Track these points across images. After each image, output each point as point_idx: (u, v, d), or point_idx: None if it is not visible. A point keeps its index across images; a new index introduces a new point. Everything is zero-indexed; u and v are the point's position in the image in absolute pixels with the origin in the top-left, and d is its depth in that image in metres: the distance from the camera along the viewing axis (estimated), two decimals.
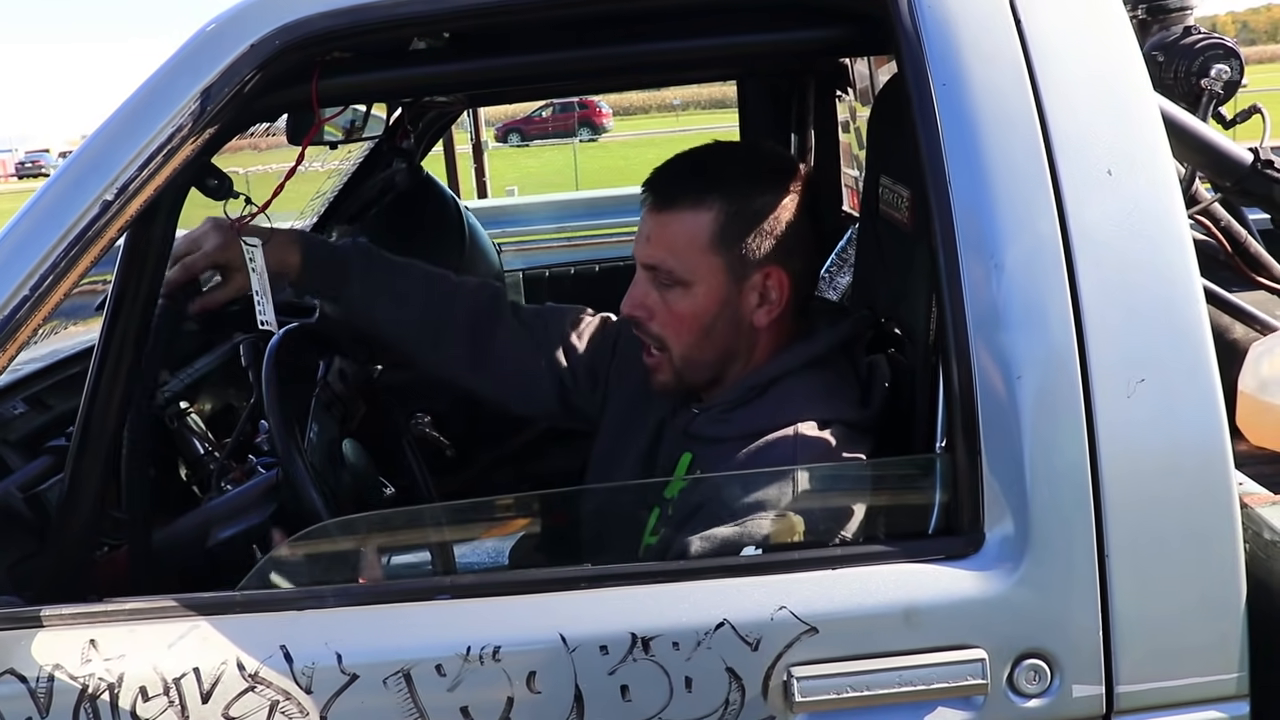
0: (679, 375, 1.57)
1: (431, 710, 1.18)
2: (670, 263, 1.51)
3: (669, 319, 1.54)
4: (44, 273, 1.19)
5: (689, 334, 1.53)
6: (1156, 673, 1.21)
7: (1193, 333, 1.21)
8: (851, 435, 1.48)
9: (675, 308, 1.53)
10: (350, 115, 2.20)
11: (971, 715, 1.20)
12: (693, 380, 1.58)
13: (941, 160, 1.22)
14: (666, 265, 1.52)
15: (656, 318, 1.55)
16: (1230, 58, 1.95)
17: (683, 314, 1.53)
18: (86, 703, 1.17)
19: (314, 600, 1.23)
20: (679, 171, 1.57)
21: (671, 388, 1.60)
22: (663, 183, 1.56)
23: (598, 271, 3.29)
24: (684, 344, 1.54)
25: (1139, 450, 1.20)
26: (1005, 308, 1.20)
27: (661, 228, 1.53)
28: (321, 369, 1.99)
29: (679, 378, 1.58)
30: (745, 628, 1.19)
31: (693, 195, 1.51)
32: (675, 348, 1.55)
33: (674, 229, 1.52)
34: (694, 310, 1.52)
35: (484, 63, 1.45)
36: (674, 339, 1.54)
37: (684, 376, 1.58)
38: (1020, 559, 1.19)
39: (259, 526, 1.73)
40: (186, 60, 1.25)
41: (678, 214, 1.51)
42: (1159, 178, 1.23)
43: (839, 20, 1.40)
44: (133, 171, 1.22)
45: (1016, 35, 1.25)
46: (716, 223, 1.50)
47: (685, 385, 1.59)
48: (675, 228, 1.52)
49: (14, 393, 2.03)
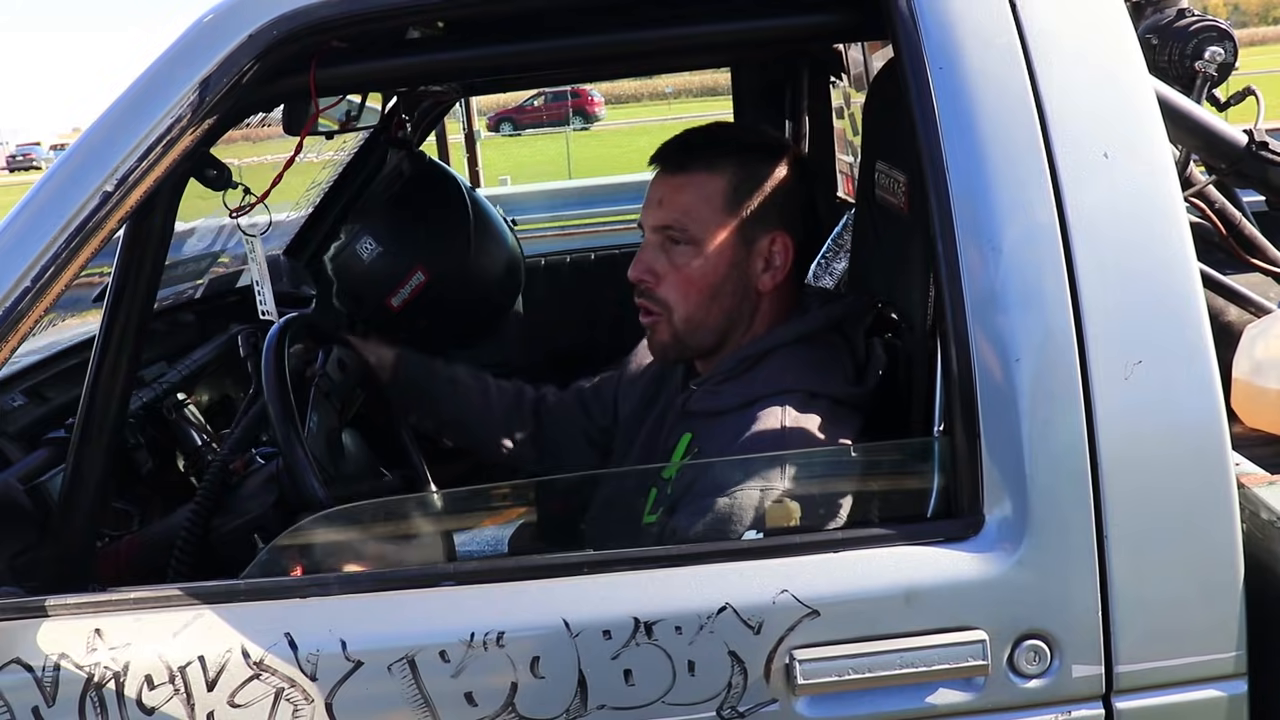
0: (678, 337, 1.60)
1: (436, 696, 1.19)
2: (684, 221, 1.57)
3: (678, 280, 1.58)
4: (45, 264, 1.19)
5: (697, 294, 1.58)
6: (1155, 652, 1.22)
7: (1190, 315, 1.22)
8: (841, 410, 1.51)
9: (685, 269, 1.57)
10: (345, 106, 2.20)
11: (973, 696, 1.21)
12: (694, 344, 1.62)
13: (939, 144, 1.23)
14: (680, 224, 1.57)
15: (665, 281, 1.59)
16: (1224, 40, 1.95)
17: (692, 274, 1.57)
18: (92, 691, 1.18)
19: (318, 588, 1.24)
20: (690, 141, 1.64)
21: (670, 349, 1.63)
22: (675, 151, 1.63)
23: (593, 260, 3.28)
24: (690, 305, 1.58)
25: (1137, 432, 1.21)
26: (1003, 291, 1.21)
27: (675, 190, 1.59)
28: (320, 359, 1.99)
29: (678, 340, 1.61)
30: (747, 611, 1.19)
31: (705, 160, 1.59)
32: (680, 309, 1.58)
33: (688, 191, 1.58)
34: (704, 270, 1.57)
35: (480, 51, 1.45)
36: (681, 300, 1.58)
37: (684, 339, 1.61)
38: (1019, 541, 1.20)
39: (260, 516, 1.73)
40: (185, 51, 1.25)
41: (691, 176, 1.58)
42: (1155, 160, 1.24)
43: (835, 6, 1.41)
44: (132, 162, 1.22)
45: (1012, 19, 1.25)
46: (729, 185, 1.57)
47: (684, 349, 1.63)
48: (689, 190, 1.58)
49: (13, 385, 2.03)
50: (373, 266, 2.06)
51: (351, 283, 2.10)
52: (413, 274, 2.05)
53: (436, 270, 2.06)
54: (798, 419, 1.47)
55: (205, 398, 2.41)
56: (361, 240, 2.07)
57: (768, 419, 1.48)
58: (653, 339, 1.64)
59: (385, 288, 2.05)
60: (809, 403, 1.49)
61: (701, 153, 1.60)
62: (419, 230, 2.09)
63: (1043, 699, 1.22)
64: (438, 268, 2.06)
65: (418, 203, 2.25)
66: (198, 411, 2.26)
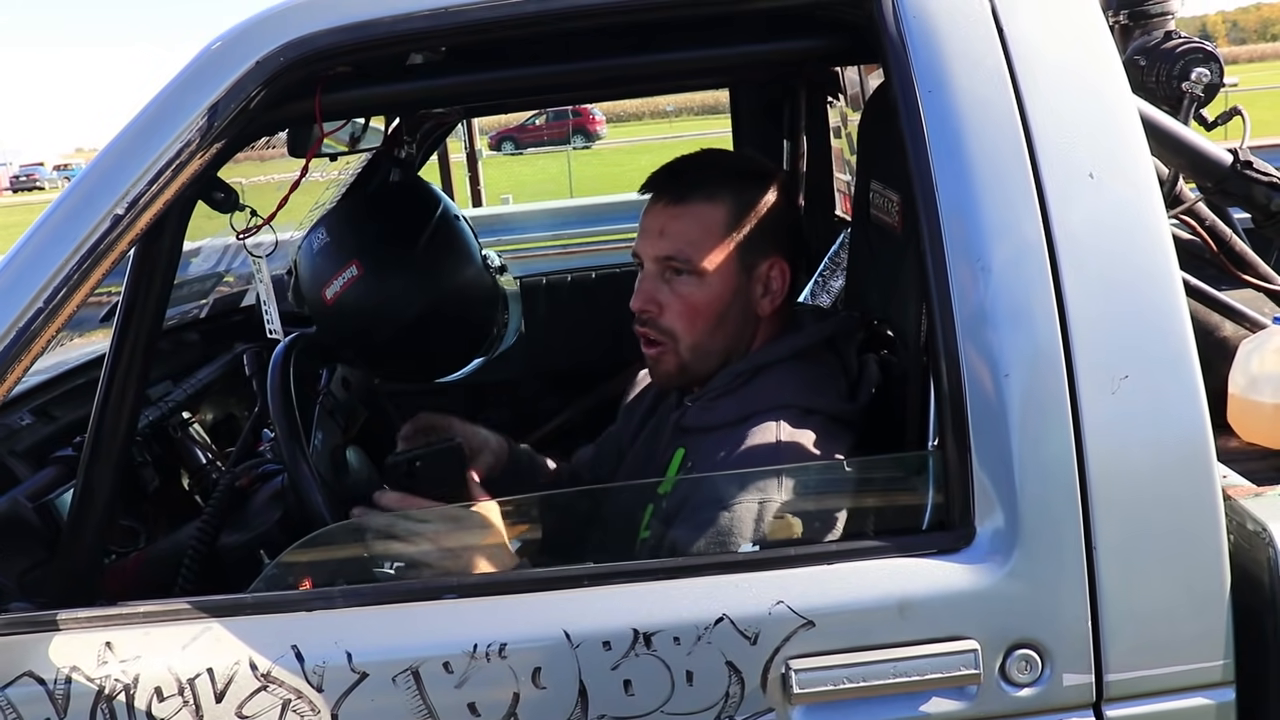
0: (684, 366, 1.62)
1: (440, 707, 1.21)
2: (687, 251, 1.58)
3: (682, 310, 1.59)
4: (58, 285, 1.22)
5: (703, 322, 1.59)
6: (1144, 661, 1.24)
7: (1174, 330, 1.24)
8: (834, 426, 1.53)
9: (690, 298, 1.59)
10: (350, 128, 2.22)
11: (965, 705, 1.23)
12: (698, 370, 1.63)
13: (928, 165, 1.26)
14: (684, 254, 1.58)
15: (668, 311, 1.60)
16: (1210, 61, 1.98)
17: (697, 304, 1.59)
18: (103, 703, 1.20)
19: (323, 601, 1.26)
20: (686, 171, 1.66)
21: (674, 378, 1.65)
22: (672, 181, 1.64)
23: (594, 278, 3.30)
24: (696, 333, 1.60)
25: (1124, 445, 1.23)
26: (992, 308, 1.23)
27: (676, 220, 1.60)
28: (324, 377, 2.01)
29: (684, 368, 1.62)
30: (744, 622, 1.22)
31: (704, 189, 1.60)
32: (687, 338, 1.60)
33: (689, 221, 1.59)
34: (708, 299, 1.58)
35: (483, 75, 1.49)
36: (686, 329, 1.60)
37: (690, 367, 1.62)
38: (1010, 552, 1.23)
39: (266, 532, 1.76)
40: (194, 77, 1.28)
41: (691, 207, 1.59)
42: (1140, 180, 1.27)
43: (827, 30, 1.44)
44: (142, 186, 1.25)
45: (999, 42, 1.28)
46: (729, 214, 1.59)
47: (689, 376, 1.64)
48: (690, 219, 1.59)
49: (20, 404, 2.05)
50: (317, 256, 1.97)
51: (300, 273, 2.03)
52: (348, 266, 1.93)
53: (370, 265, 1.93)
54: (792, 434, 1.49)
55: (210, 416, 2.44)
56: (316, 231, 2.01)
57: (762, 434, 1.50)
58: (657, 368, 1.65)
59: (323, 278, 1.94)
60: (803, 418, 1.52)
61: (700, 183, 1.61)
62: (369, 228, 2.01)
63: (1034, 707, 1.24)
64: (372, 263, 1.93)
65: (379, 205, 2.20)
66: (202, 430, 2.29)
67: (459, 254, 2.08)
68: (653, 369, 1.67)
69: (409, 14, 1.30)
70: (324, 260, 1.94)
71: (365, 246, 1.95)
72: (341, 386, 2.01)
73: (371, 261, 1.92)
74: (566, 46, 1.47)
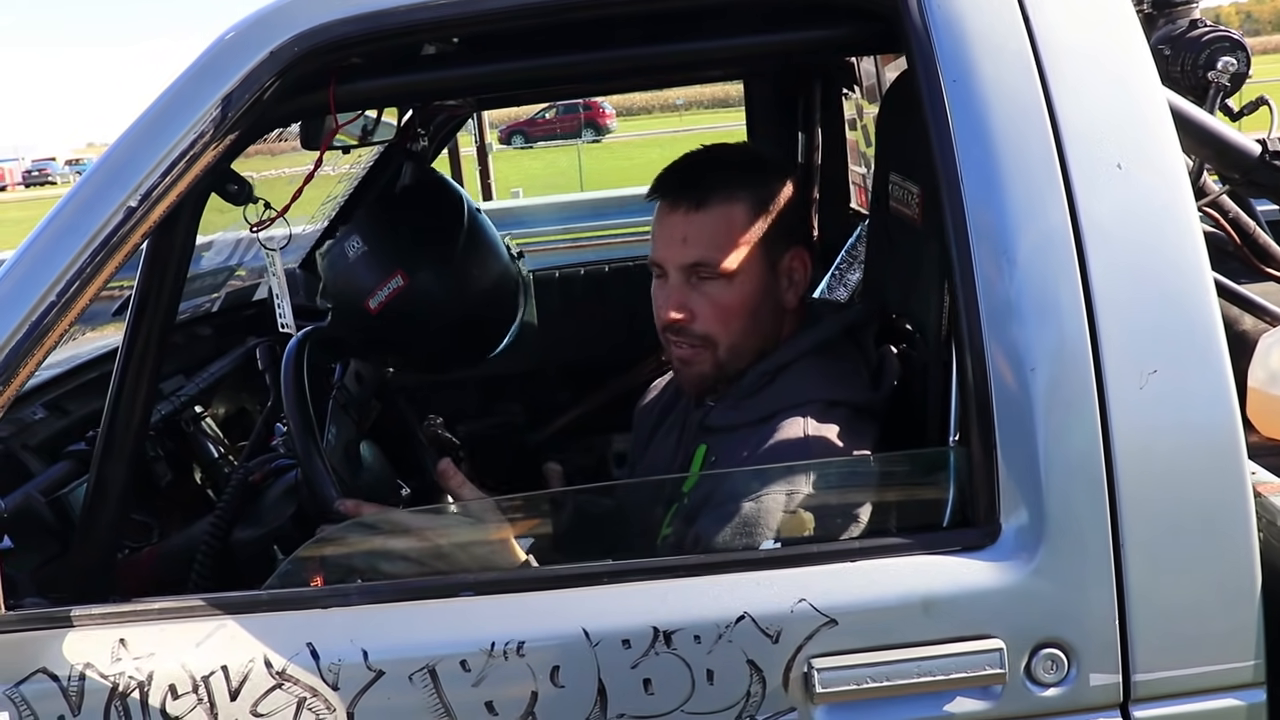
0: (721, 367, 1.59)
1: (457, 705, 1.20)
2: (715, 256, 1.55)
3: (715, 313, 1.57)
4: (71, 278, 1.21)
5: (737, 322, 1.57)
6: (1173, 661, 1.22)
7: (1204, 323, 1.22)
8: (860, 417, 1.52)
9: (721, 301, 1.56)
10: (362, 120, 2.21)
11: (990, 704, 1.21)
12: (732, 370, 1.60)
13: (953, 155, 1.23)
14: (711, 259, 1.55)
15: (701, 317, 1.57)
16: (1236, 50, 1.95)
17: (730, 305, 1.56)
18: (117, 701, 1.19)
19: (339, 598, 1.25)
20: (699, 173, 1.62)
21: (709, 381, 1.62)
22: (687, 185, 1.60)
23: (607, 271, 3.29)
24: (732, 335, 1.57)
25: (1152, 440, 1.21)
26: (1018, 301, 1.21)
27: (698, 226, 1.57)
28: (338, 372, 2.00)
29: (720, 370, 1.60)
30: (765, 620, 1.20)
31: (722, 191, 1.57)
32: (724, 340, 1.58)
33: (711, 224, 1.56)
34: (741, 299, 1.57)
35: (495, 66, 1.47)
36: (722, 332, 1.57)
37: (726, 368, 1.59)
38: (1036, 550, 1.21)
39: (279, 528, 1.75)
40: (207, 68, 1.27)
41: (712, 210, 1.57)
42: (1168, 170, 1.25)
43: (848, 19, 1.41)
44: (156, 178, 1.23)
45: (1025, 31, 1.26)
46: (749, 212, 1.57)
47: (723, 376, 1.61)
48: (712, 222, 1.56)
49: (33, 398, 2.05)
50: (356, 265, 2.00)
51: (335, 281, 2.06)
52: (392, 276, 1.98)
53: (417, 275, 1.97)
54: (819, 428, 1.48)
55: (222, 410, 2.43)
56: (350, 239, 2.03)
57: (789, 429, 1.48)
58: (690, 373, 1.61)
59: (365, 288, 1.98)
60: (828, 411, 1.50)
61: (716, 184, 1.58)
62: (405, 234, 2.05)
63: (1060, 708, 1.22)
64: (418, 273, 1.98)
65: (410, 208, 2.22)
66: (215, 424, 2.28)
67: (492, 250, 2.18)
68: (683, 375, 1.63)
69: (423, 3, 1.28)
70: (365, 270, 2.00)
71: (406, 255, 2.01)
72: (355, 380, 2.00)
73: (416, 270, 1.99)
74: (580, 36, 1.45)
